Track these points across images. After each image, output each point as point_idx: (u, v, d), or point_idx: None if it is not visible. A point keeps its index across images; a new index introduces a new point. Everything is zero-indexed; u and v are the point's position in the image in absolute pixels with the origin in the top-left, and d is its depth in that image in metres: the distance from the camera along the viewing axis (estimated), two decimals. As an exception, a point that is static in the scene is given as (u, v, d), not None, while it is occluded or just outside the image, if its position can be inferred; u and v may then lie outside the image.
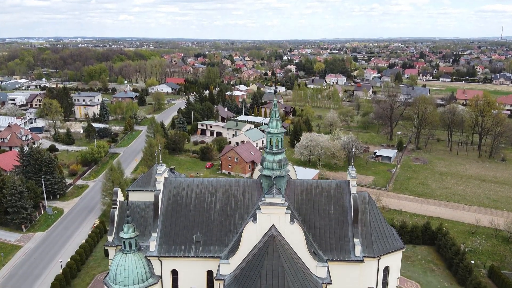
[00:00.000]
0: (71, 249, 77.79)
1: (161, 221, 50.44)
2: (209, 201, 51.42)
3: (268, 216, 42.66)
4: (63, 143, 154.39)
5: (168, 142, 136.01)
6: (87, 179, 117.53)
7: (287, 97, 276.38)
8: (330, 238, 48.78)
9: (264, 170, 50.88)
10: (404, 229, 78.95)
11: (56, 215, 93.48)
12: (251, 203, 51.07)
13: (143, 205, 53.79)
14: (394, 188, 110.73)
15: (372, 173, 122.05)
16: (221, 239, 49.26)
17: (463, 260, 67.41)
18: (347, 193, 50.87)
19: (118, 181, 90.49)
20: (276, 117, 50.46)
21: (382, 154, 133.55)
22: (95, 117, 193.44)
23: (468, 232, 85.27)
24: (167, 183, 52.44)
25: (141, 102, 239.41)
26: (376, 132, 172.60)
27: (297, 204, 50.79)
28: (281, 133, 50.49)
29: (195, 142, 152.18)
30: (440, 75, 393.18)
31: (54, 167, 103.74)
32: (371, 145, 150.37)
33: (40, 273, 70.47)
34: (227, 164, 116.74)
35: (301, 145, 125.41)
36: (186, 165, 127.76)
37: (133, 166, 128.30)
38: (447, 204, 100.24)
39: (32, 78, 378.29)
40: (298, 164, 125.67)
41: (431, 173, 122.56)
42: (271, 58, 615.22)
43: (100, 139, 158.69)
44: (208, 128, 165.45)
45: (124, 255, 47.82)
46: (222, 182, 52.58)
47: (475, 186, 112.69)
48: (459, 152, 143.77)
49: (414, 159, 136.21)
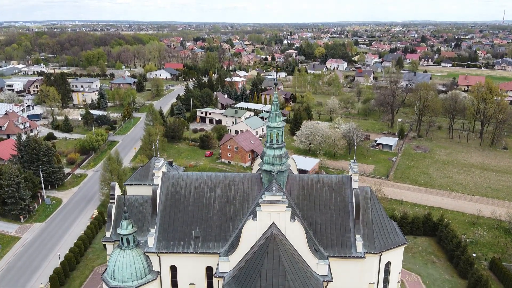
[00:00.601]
0: (70, 240, 77.32)
1: (160, 216, 49.56)
2: (208, 196, 50.46)
3: (268, 213, 41.74)
4: (61, 131, 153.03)
5: (167, 130, 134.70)
6: (85, 168, 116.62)
7: (287, 83, 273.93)
8: (331, 234, 47.99)
9: (264, 165, 49.78)
10: (405, 220, 78.42)
11: (54, 205, 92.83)
12: (251, 198, 50.11)
13: (141, 199, 52.86)
14: (395, 177, 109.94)
15: (373, 161, 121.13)
16: (221, 234, 48.46)
17: (464, 252, 66.96)
18: (348, 188, 49.87)
19: (116, 171, 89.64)
20: (276, 110, 49.11)
21: (383, 142, 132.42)
22: (93, 104, 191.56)
23: (469, 222, 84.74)
24: (165, 177, 51.39)
25: (139, 88, 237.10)
26: (377, 119, 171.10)
27: (297, 199, 49.84)
28: (281, 127, 49.22)
29: (194, 130, 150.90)
30: (441, 60, 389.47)
31: (52, 157, 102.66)
32: (371, 133, 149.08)
33: (39, 265, 70.08)
34: (226, 153, 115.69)
35: (301, 133, 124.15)
36: (185, 154, 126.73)
37: (132, 154, 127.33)
38: (448, 194, 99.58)
39: (30, 64, 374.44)
40: (298, 153, 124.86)
41: (432, 162, 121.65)
42: (271, 43, 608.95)
43: (98, 127, 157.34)
44: (208, 116, 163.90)
45: (122, 251, 47.12)
46: (221, 177, 51.53)
47: (476, 175, 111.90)
48: (461, 140, 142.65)
49: (415, 147, 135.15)
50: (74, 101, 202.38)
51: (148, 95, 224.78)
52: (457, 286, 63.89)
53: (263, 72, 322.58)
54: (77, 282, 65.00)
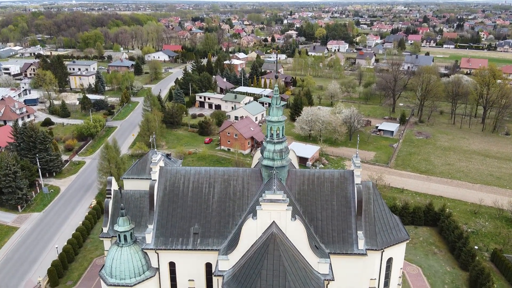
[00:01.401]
0: (68, 231, 76.71)
1: (157, 212, 48.52)
2: (207, 191, 49.32)
3: (268, 212, 40.65)
4: (58, 116, 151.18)
5: (165, 116, 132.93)
6: (83, 155, 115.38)
7: (287, 65, 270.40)
8: (332, 231, 47.07)
9: (264, 160, 48.48)
10: (406, 210, 77.67)
11: (52, 194, 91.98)
12: (251, 194, 49.00)
13: (138, 194, 51.78)
14: (396, 164, 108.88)
15: (374, 148, 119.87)
16: (220, 231, 47.54)
17: (466, 244, 66.33)
18: (350, 183, 48.71)
19: (114, 159, 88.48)
20: (277, 104, 47.46)
21: (384, 128, 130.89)
22: (91, 87, 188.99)
23: (470, 212, 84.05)
24: (162, 172, 50.14)
25: (137, 71, 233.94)
26: (378, 103, 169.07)
27: (298, 195, 48.75)
28: (282, 122, 47.68)
29: (193, 116, 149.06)
30: (444, 42, 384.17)
31: (49, 144, 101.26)
32: (373, 118, 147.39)
33: (37, 257, 69.57)
34: (226, 140, 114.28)
35: (302, 120, 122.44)
36: (184, 140, 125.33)
37: (130, 141, 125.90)
38: (449, 182, 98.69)
39: (27, 45, 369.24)
40: (298, 139, 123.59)
41: (433, 148, 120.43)
42: (271, 23, 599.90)
43: (96, 112, 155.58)
44: (207, 101, 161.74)
45: (120, 248, 46.25)
46: (220, 172, 50.29)
47: (478, 162, 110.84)
48: (463, 126, 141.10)
49: (417, 133, 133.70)
50: (72, 85, 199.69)
51: (146, 79, 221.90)
52: (458, 278, 63.52)
53: (263, 54, 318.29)
54: (76, 274, 64.57)
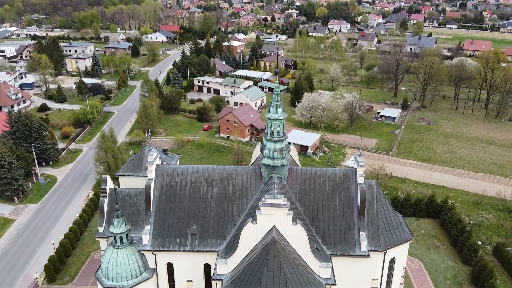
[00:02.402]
0: (65, 223, 75.68)
1: (154, 212, 47.13)
2: (205, 190, 47.82)
3: (268, 217, 39.20)
4: (54, 101, 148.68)
5: (163, 102, 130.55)
6: (80, 143, 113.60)
7: (287, 46, 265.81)
8: (334, 231, 45.81)
9: (264, 159, 46.78)
10: (408, 202, 76.46)
11: (49, 184, 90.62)
12: (250, 193, 47.52)
13: (134, 192, 50.26)
14: (397, 152, 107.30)
15: (375, 135, 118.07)
16: (218, 231, 46.27)
17: (469, 238, 65.39)
18: (353, 182, 47.17)
19: (111, 149, 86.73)
20: (277, 101, 45.40)
21: (386, 114, 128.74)
22: (87, 71, 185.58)
23: (473, 202, 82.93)
24: (159, 170, 48.51)
25: (134, 53, 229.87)
26: (380, 88, 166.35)
27: (299, 194, 47.28)
28: (282, 119, 45.75)
29: (192, 101, 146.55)
30: (447, 21, 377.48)
31: (45, 132, 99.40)
32: (374, 103, 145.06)
33: (34, 251, 68.65)
34: (225, 127, 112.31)
35: (302, 106, 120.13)
36: (182, 127, 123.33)
37: (128, 127, 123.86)
38: (452, 171, 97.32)
39: (22, 26, 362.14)
40: (299, 126, 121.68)
41: (436, 135, 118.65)
42: (270, 1, 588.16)
43: (93, 96, 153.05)
44: (205, 85, 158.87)
45: (116, 250, 44.99)
46: (218, 170, 48.65)
47: (481, 150, 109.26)
48: (466, 111, 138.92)
49: (419, 119, 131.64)
50: (68, 68, 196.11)
51: (143, 61, 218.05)
52: (460, 273, 62.78)
53: (262, 34, 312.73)
54: (73, 270, 63.76)
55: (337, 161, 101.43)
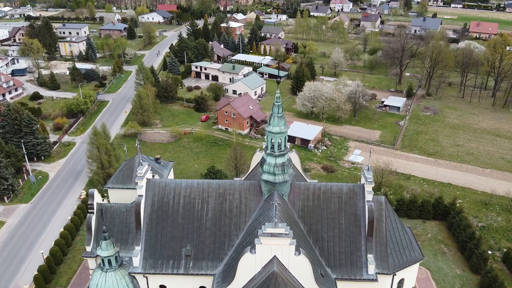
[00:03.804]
0: (57, 225, 72.57)
1: (145, 231, 43.73)
2: (199, 207, 44.28)
3: (269, 246, 35.75)
4: (47, 88, 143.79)
5: (159, 91, 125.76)
6: (73, 135, 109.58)
7: (288, 27, 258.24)
8: (339, 253, 42.53)
9: (263, 174, 43.03)
10: (414, 204, 73.17)
11: (40, 181, 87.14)
12: (249, 210, 44.01)
13: (124, 208, 46.68)
14: (402, 145, 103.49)
15: (379, 126, 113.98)
16: (215, 252, 43.01)
17: (478, 246, 62.27)
18: (361, 199, 43.58)
19: (104, 147, 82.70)
20: (279, 113, 41.29)
21: (390, 103, 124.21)
22: (81, 55, 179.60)
23: (481, 202, 79.65)
24: (150, 185, 44.85)
25: (130, 35, 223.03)
26: (383, 73, 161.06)
27: (302, 211, 43.77)
28: (284, 132, 41.75)
29: (189, 88, 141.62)
30: (451, 0, 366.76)
31: (35, 126, 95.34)
32: (378, 91, 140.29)
33: (24, 257, 65.64)
34: (223, 119, 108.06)
35: (303, 96, 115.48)
36: (179, 117, 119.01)
37: (123, 118, 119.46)
38: (458, 166, 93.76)
39: (16, 5, 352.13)
40: (300, 117, 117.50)
41: (441, 126, 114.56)
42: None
43: (87, 83, 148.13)
44: (203, 71, 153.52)
45: (104, 273, 41.61)
46: (214, 185, 44.96)
47: (488, 143, 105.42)
48: (472, 100, 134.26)
49: (424, 108, 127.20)
50: (62, 52, 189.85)
51: (139, 43, 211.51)
52: (468, 283, 59.96)
53: (262, 14, 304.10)
54: (65, 279, 60.89)
55: (339, 155, 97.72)
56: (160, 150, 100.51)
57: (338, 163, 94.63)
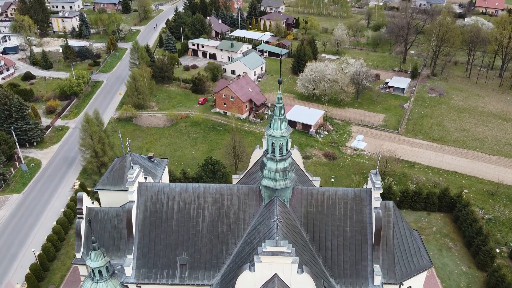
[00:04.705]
0: (50, 217, 70.45)
1: (137, 238, 41.17)
2: (195, 213, 41.56)
3: (269, 264, 33.19)
4: (40, 67, 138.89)
5: (155, 71, 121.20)
6: (67, 118, 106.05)
7: (289, 0, 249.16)
8: (344, 262, 40.15)
9: (264, 180, 40.06)
10: (419, 196, 70.72)
11: (33, 169, 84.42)
12: (248, 217, 41.32)
13: (116, 212, 43.97)
14: (406, 130, 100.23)
15: (383, 109, 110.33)
16: (212, 261, 40.61)
17: (485, 243, 60.16)
18: (367, 205, 40.81)
19: (97, 135, 79.34)
20: (280, 115, 37.87)
21: (395, 85, 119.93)
22: (75, 31, 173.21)
23: (487, 192, 77.24)
24: (142, 189, 41.95)
25: (125, 9, 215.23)
26: (387, 51, 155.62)
27: (304, 218, 41.09)
28: (286, 136, 38.46)
29: (186, 67, 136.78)
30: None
31: (26, 111, 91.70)
32: (382, 71, 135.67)
33: (16, 253, 63.67)
34: (221, 102, 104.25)
35: (305, 77, 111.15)
36: (176, 100, 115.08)
37: (118, 100, 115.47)
38: (464, 153, 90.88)
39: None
40: (301, 99, 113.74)
41: (447, 109, 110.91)
42: None
43: (81, 61, 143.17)
44: (200, 49, 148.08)
45: (95, 284, 39.30)
46: (211, 190, 42.06)
47: (495, 127, 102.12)
48: (479, 80, 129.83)
49: (429, 89, 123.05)
50: (54, 28, 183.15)
51: (134, 18, 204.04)
52: (475, 280, 58.20)
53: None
54: (58, 276, 59.05)
55: (341, 141, 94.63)
56: (156, 135, 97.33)
57: (340, 149, 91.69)
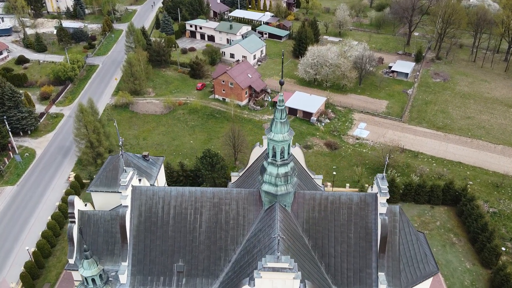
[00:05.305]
0: (45, 210, 68.88)
1: (132, 244, 39.46)
2: (192, 219, 39.73)
3: (270, 280, 31.48)
4: (33, 50, 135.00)
5: (151, 54, 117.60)
6: (61, 105, 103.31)
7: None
8: (347, 270, 38.58)
9: (264, 185, 38.04)
10: (423, 189, 68.95)
11: (27, 159, 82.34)
12: (247, 222, 39.51)
13: (109, 216, 42.11)
14: (410, 117, 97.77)
15: (386, 95, 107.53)
16: (209, 268, 39.04)
17: (491, 239, 58.71)
18: (373, 210, 38.96)
19: (91, 125, 77.01)
20: (281, 118, 35.50)
21: (398, 69, 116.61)
22: (69, 11, 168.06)
23: (492, 184, 75.48)
24: (136, 193, 39.99)
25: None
26: (391, 33, 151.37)
27: (306, 224, 39.29)
28: (287, 140, 36.20)
29: (184, 50, 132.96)
30: None
31: (19, 99, 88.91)
32: (385, 54, 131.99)
33: (11, 249, 62.25)
34: (220, 88, 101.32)
35: (306, 62, 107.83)
36: (174, 85, 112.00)
37: (114, 85, 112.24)
38: (469, 142, 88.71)
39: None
40: (302, 84, 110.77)
41: (452, 95, 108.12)
42: None
43: (75, 44, 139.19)
44: (198, 30, 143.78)
45: (88, 292, 38.04)
46: (209, 194, 40.10)
47: (501, 115, 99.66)
48: (484, 64, 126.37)
49: (434, 74, 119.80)
50: (48, 8, 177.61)
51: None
52: (479, 278, 57.01)
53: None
54: (54, 274, 57.78)
55: (343, 129, 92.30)
56: (153, 123, 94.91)
57: (342, 138, 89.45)
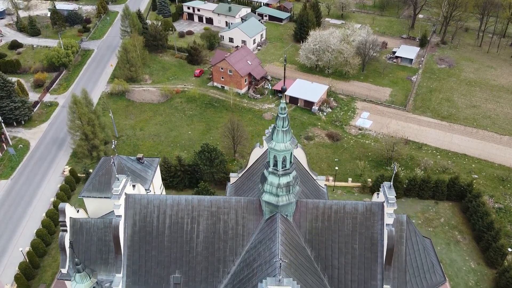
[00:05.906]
0: (39, 207, 67.11)
1: (126, 255, 37.74)
2: (189, 228, 37.89)
3: (271, 300, 29.87)
4: (27, 34, 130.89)
5: (147, 39, 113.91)
6: (56, 93, 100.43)
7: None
8: (352, 281, 37.02)
9: (264, 195, 36.02)
10: (427, 184, 67.18)
11: (21, 151, 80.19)
12: (247, 232, 37.70)
13: (102, 224, 40.26)
14: (414, 106, 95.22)
15: (390, 82, 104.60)
16: (207, 280, 37.46)
17: (496, 239, 57.26)
18: (379, 220, 37.09)
19: (85, 116, 74.57)
20: (283, 127, 33.14)
21: (402, 55, 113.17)
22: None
23: (498, 178, 73.70)
24: (130, 202, 37.99)
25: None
26: (395, 15, 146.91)
27: (309, 234, 37.48)
28: (290, 150, 33.95)
29: (181, 34, 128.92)
30: None
31: (12, 88, 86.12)
32: (389, 38, 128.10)
33: (5, 248, 60.83)
34: (219, 76, 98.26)
35: (308, 47, 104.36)
36: (171, 71, 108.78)
37: (109, 72, 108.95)
38: (474, 133, 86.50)
39: None
40: (303, 71, 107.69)
41: (457, 83, 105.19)
42: None
43: (70, 27, 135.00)
44: (196, 12, 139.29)
45: (81, 305, 36.50)
46: (206, 202, 38.13)
47: (507, 103, 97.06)
48: (490, 50, 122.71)
49: (438, 59, 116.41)
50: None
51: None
52: (483, 278, 55.84)
53: None
54: (49, 274, 56.56)
55: (345, 119, 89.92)
56: (150, 112, 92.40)
57: (344, 128, 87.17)
